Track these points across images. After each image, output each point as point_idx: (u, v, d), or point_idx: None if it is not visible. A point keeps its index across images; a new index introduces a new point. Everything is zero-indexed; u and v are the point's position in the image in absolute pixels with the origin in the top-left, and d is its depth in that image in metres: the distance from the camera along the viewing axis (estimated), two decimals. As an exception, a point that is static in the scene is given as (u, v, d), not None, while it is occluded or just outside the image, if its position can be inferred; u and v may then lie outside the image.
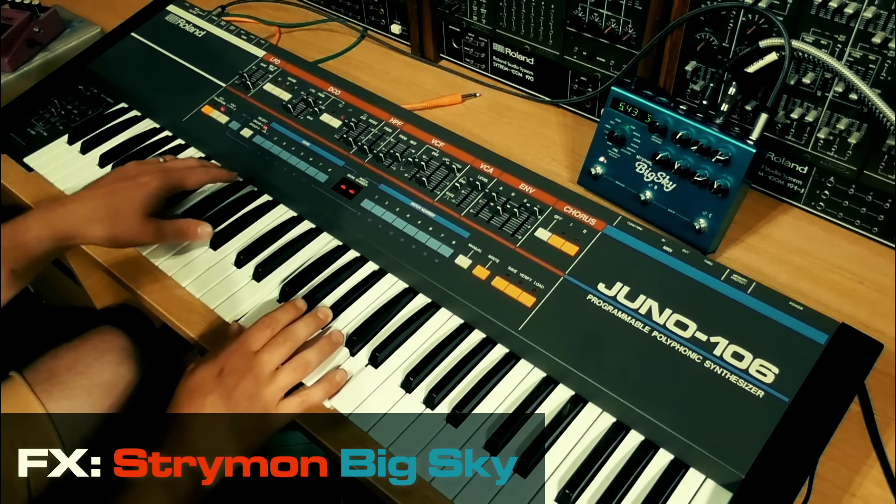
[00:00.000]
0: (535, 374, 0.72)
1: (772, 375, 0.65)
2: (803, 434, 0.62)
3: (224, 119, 0.98)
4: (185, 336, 0.80)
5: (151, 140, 1.01)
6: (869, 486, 0.64)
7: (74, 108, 1.07)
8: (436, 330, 0.76)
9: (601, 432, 0.68)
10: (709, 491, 0.63)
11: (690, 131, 0.80)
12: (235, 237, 0.87)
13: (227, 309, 0.79)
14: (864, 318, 0.75)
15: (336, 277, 0.81)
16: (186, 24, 1.12)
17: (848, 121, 0.77)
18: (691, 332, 0.69)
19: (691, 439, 0.63)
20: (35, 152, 1.00)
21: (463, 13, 1.06)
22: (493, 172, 0.84)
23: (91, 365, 0.89)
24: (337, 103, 0.96)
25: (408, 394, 0.71)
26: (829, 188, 0.83)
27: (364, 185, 0.86)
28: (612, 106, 0.85)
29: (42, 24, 1.16)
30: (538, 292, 0.74)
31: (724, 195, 0.79)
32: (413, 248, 0.80)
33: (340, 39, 1.20)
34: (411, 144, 0.89)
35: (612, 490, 0.63)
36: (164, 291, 0.83)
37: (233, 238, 0.87)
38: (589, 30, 0.92)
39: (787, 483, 0.60)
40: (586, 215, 0.79)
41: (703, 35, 0.83)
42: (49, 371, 0.87)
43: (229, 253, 0.85)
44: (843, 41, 0.73)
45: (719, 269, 0.72)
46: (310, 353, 0.72)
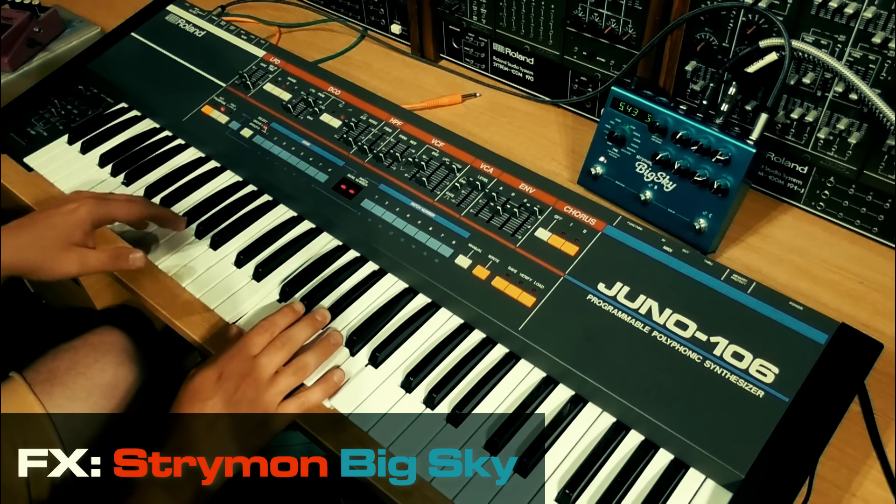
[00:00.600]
0: (535, 374, 0.72)
1: (772, 375, 0.65)
2: (803, 434, 0.62)
3: (224, 119, 0.98)
4: (185, 336, 0.80)
5: (151, 140, 1.01)
6: (869, 486, 0.64)
7: (74, 108, 1.06)
8: (436, 330, 0.76)
9: (601, 432, 0.68)
10: (709, 491, 0.63)
11: (690, 131, 0.80)
12: (235, 237, 0.87)
13: (227, 309, 0.79)
14: (864, 318, 0.75)
15: (336, 277, 0.81)
16: (186, 24, 1.12)
17: (848, 121, 0.77)
18: (691, 332, 0.69)
19: (691, 439, 0.63)
20: (35, 152, 1.00)
21: (463, 13, 1.06)
22: (493, 172, 0.84)
23: (91, 366, 0.89)
24: (337, 103, 0.96)
25: (408, 394, 0.71)
26: (829, 188, 0.83)
27: (364, 185, 0.86)
28: (612, 106, 0.85)
29: (42, 24, 1.16)
30: (538, 292, 0.74)
31: (724, 195, 0.79)
32: (413, 248, 0.80)
33: (340, 39, 1.20)
34: (411, 144, 0.89)
35: (612, 490, 0.63)
36: (164, 291, 0.83)
37: (233, 238, 0.87)
38: (589, 30, 0.92)
39: (787, 483, 0.60)
40: (586, 215, 0.79)
41: (703, 35, 0.83)
42: (49, 372, 0.87)
43: (229, 253, 0.85)
44: (843, 41, 0.73)
45: (719, 269, 0.72)
46: (308, 356, 0.72)
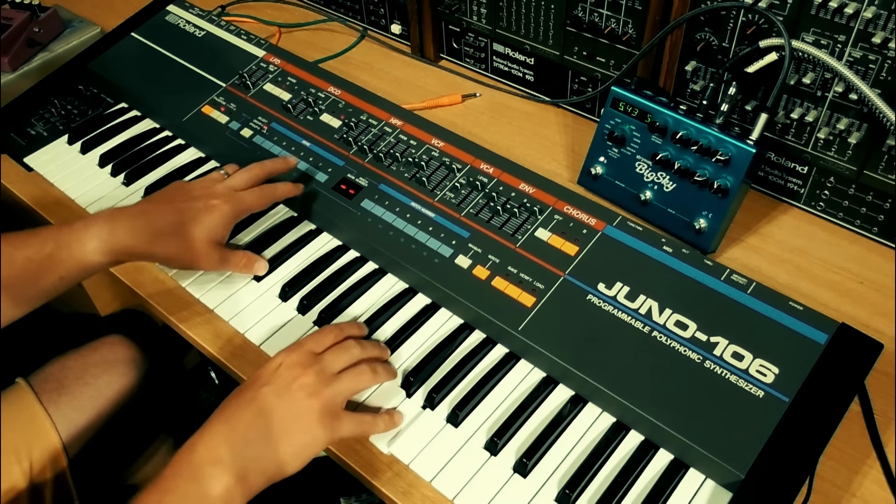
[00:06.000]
0: (535, 374, 0.72)
1: (772, 375, 0.65)
2: (803, 434, 0.62)
3: (224, 119, 0.98)
4: (185, 336, 0.80)
5: (151, 140, 1.01)
6: (869, 486, 0.64)
7: (74, 108, 1.06)
8: (436, 330, 0.76)
9: (601, 432, 0.68)
10: (709, 491, 0.63)
11: (690, 131, 0.80)
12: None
13: (227, 309, 0.79)
14: (864, 318, 0.75)
15: (336, 278, 0.81)
16: (186, 24, 1.12)
17: (848, 121, 0.77)
18: (691, 332, 0.69)
19: (691, 439, 0.63)
20: (35, 152, 1.00)
21: (463, 13, 1.06)
22: (493, 172, 0.84)
23: (99, 376, 0.88)
24: (337, 103, 0.96)
25: (408, 394, 0.71)
26: (829, 188, 0.83)
27: (364, 185, 0.86)
28: (612, 106, 0.85)
29: (42, 24, 1.16)
30: (538, 292, 0.74)
31: (724, 195, 0.79)
32: (413, 248, 0.80)
33: (340, 39, 1.20)
34: (411, 144, 0.89)
35: (612, 490, 0.63)
36: (164, 292, 0.83)
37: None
38: (589, 30, 0.92)
39: (787, 483, 0.60)
40: (586, 215, 0.79)
41: (703, 35, 0.83)
42: (57, 381, 0.86)
43: (229, 253, 0.85)
44: (843, 41, 0.73)
45: (719, 269, 0.72)
46: (376, 365, 0.69)
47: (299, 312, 0.79)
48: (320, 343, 0.68)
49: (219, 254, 0.78)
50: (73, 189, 0.95)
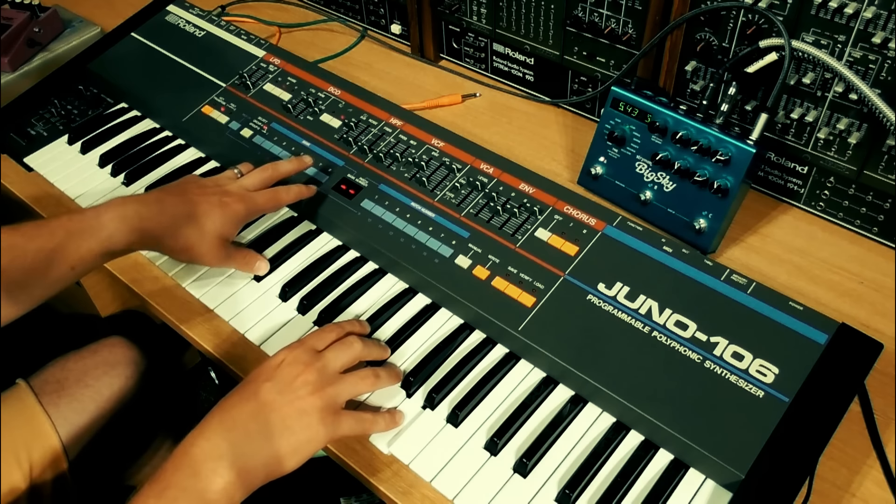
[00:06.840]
0: (535, 374, 0.72)
1: (772, 375, 0.65)
2: (803, 434, 0.62)
3: (224, 119, 0.98)
4: (185, 336, 0.80)
5: (151, 140, 1.01)
6: (869, 486, 0.64)
7: (74, 108, 1.06)
8: (436, 330, 0.76)
9: (601, 432, 0.68)
10: (709, 491, 0.63)
11: (690, 131, 0.80)
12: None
13: (227, 309, 0.79)
14: (864, 318, 0.75)
15: (336, 278, 0.81)
16: (186, 24, 1.12)
17: (848, 121, 0.77)
18: (691, 332, 0.69)
19: (691, 439, 0.63)
20: (35, 152, 1.00)
21: (463, 13, 1.06)
22: (493, 172, 0.84)
23: (100, 378, 0.88)
24: (337, 103, 0.96)
25: (408, 394, 0.71)
26: (829, 188, 0.83)
27: (364, 185, 0.86)
28: (612, 106, 0.85)
29: (42, 24, 1.16)
30: (538, 292, 0.74)
31: (724, 195, 0.79)
32: (413, 248, 0.80)
33: (340, 39, 1.20)
34: (411, 144, 0.89)
35: (612, 490, 0.63)
36: (164, 292, 0.83)
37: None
38: (589, 30, 0.92)
39: (787, 483, 0.60)
40: (586, 215, 0.79)
41: (703, 35, 0.83)
42: (58, 383, 0.86)
43: (229, 253, 0.85)
44: (843, 41, 0.73)
45: (719, 269, 0.72)
46: (378, 369, 0.68)
47: (299, 312, 0.79)
48: (322, 340, 0.68)
49: (224, 251, 0.79)
50: (74, 189, 0.95)
